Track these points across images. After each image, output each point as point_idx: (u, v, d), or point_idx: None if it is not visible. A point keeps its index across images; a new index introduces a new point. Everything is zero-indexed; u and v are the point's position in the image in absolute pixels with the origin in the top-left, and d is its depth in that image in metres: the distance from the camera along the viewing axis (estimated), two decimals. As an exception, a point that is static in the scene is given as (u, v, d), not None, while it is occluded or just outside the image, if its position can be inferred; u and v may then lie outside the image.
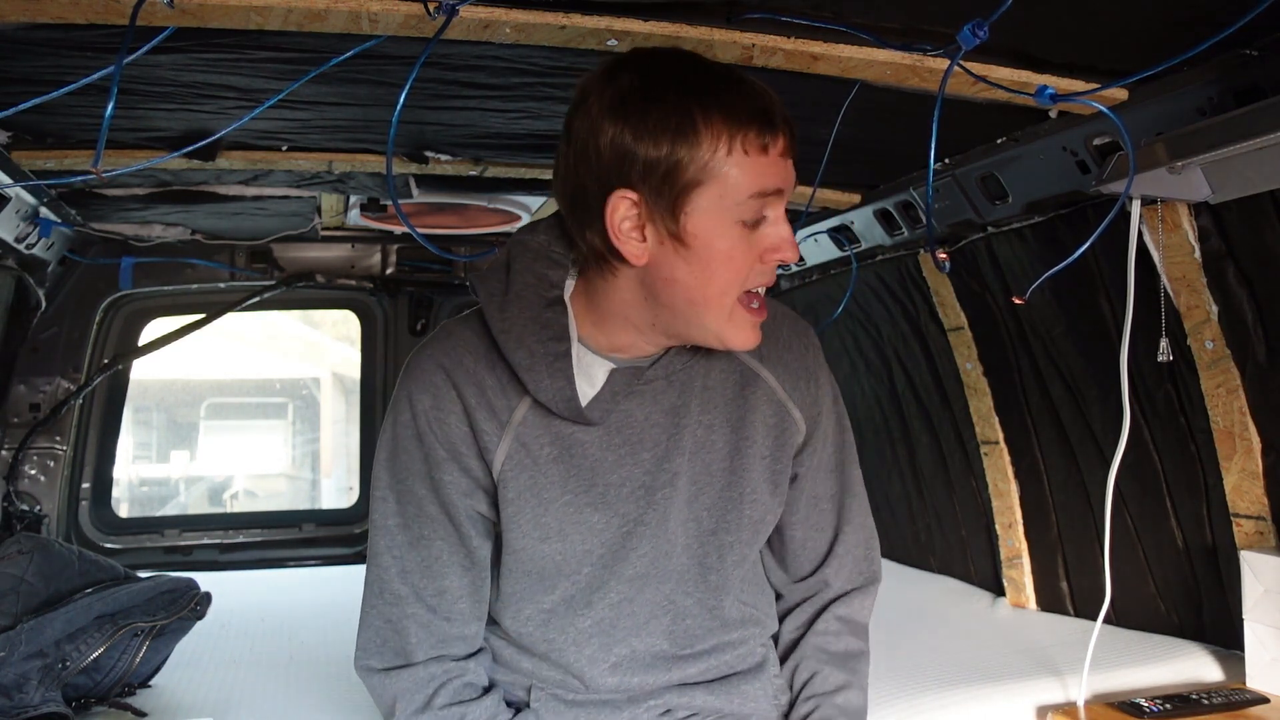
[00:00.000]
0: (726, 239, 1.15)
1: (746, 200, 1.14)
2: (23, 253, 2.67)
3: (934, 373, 2.78)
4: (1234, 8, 1.33)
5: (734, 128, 1.12)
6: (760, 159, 1.13)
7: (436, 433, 1.25)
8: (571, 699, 1.35)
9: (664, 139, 1.11)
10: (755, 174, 1.13)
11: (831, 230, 2.75)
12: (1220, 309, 1.85)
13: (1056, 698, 1.85)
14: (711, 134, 1.11)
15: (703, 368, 1.31)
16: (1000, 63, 1.60)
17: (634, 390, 1.26)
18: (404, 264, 3.60)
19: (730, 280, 1.16)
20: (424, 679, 1.28)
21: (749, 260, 1.17)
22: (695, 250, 1.15)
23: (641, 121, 1.12)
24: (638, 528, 1.28)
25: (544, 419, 1.25)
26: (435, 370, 1.25)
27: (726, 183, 1.13)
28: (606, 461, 1.26)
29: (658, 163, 1.12)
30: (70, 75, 1.45)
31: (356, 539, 3.75)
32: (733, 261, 1.16)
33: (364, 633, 1.32)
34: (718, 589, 1.34)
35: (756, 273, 1.18)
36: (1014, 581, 2.56)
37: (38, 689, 1.74)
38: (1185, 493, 2.06)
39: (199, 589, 2.04)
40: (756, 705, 1.39)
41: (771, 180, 1.15)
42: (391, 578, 1.29)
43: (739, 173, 1.12)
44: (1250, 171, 1.60)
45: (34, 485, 3.24)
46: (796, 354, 1.37)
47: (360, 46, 1.44)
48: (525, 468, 1.25)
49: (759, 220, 1.16)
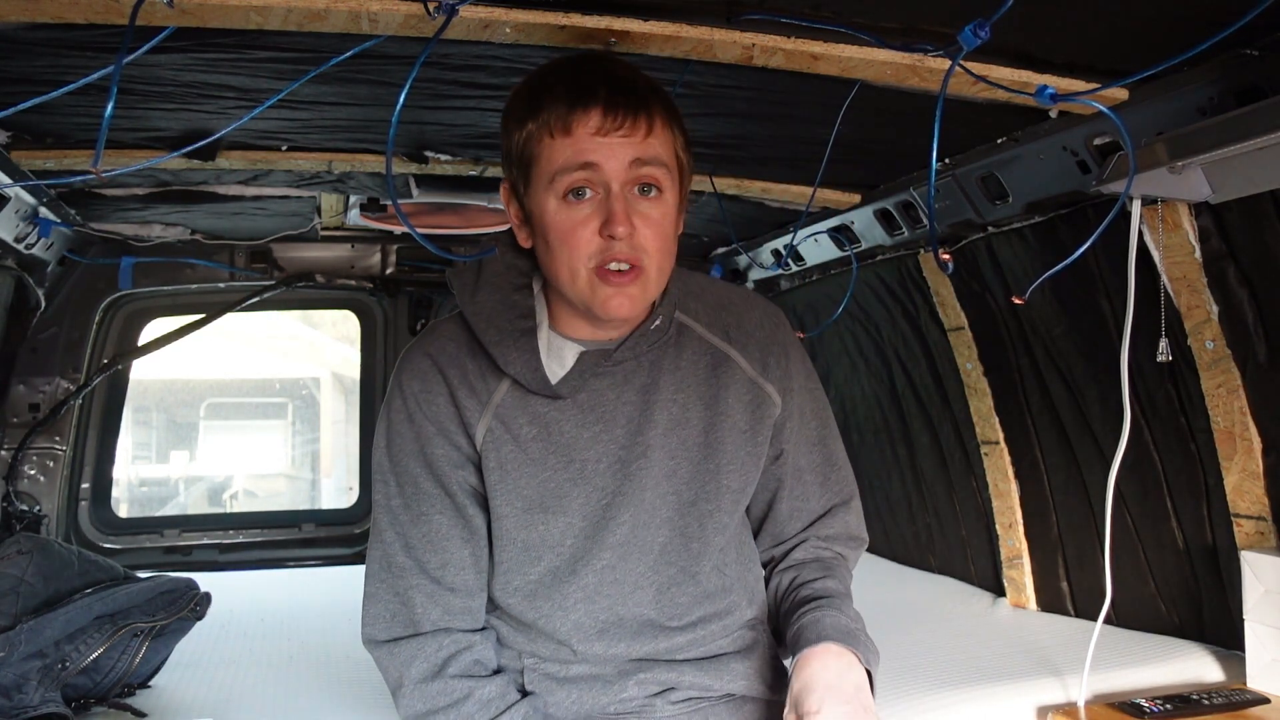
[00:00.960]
0: (556, 215, 1.24)
1: (558, 176, 1.22)
2: (22, 253, 2.67)
3: (934, 373, 2.78)
4: (1234, 8, 1.33)
5: (547, 108, 1.22)
6: (564, 138, 1.21)
7: (426, 411, 1.33)
8: (563, 676, 1.38)
9: (512, 125, 1.26)
10: (560, 150, 1.21)
11: (831, 230, 2.75)
12: (1220, 309, 1.85)
13: (1057, 698, 1.85)
14: (535, 117, 1.23)
15: (672, 351, 1.38)
16: (1000, 63, 1.60)
17: (603, 371, 1.33)
18: (404, 264, 3.60)
19: (571, 254, 1.24)
20: (433, 648, 1.32)
21: (584, 234, 1.23)
22: (539, 229, 1.27)
23: (509, 113, 1.28)
24: (616, 499, 1.34)
25: (522, 399, 1.33)
26: (422, 358, 1.36)
27: (541, 161, 1.23)
28: (582, 438, 1.33)
29: (510, 148, 1.27)
30: (70, 75, 1.45)
31: (356, 539, 3.74)
32: (566, 235, 1.23)
33: (370, 607, 1.36)
34: (699, 556, 1.38)
35: (600, 248, 1.23)
36: (1014, 581, 2.56)
37: (37, 689, 1.74)
38: (1186, 493, 2.06)
39: (199, 589, 2.04)
40: (749, 684, 1.41)
41: (577, 155, 1.21)
42: (396, 552, 1.34)
43: (548, 150, 1.22)
44: (1250, 171, 1.60)
45: (33, 485, 3.24)
46: (767, 333, 1.43)
47: (360, 46, 1.44)
48: (505, 442, 1.32)
49: (579, 194, 1.22)
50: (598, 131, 1.21)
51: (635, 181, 1.23)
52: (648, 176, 1.23)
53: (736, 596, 1.43)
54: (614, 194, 1.22)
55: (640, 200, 1.24)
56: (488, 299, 1.33)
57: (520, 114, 1.25)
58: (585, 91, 1.21)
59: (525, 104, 1.25)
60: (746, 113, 1.98)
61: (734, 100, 1.88)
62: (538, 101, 1.23)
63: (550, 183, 1.23)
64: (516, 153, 1.26)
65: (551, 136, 1.21)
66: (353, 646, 2.31)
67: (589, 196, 1.23)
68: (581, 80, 1.23)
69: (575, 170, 1.21)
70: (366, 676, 2.07)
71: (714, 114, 1.95)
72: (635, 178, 1.23)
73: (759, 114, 2.00)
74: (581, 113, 1.20)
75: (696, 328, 1.40)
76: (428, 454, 1.33)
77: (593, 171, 1.21)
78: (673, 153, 1.27)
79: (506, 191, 1.31)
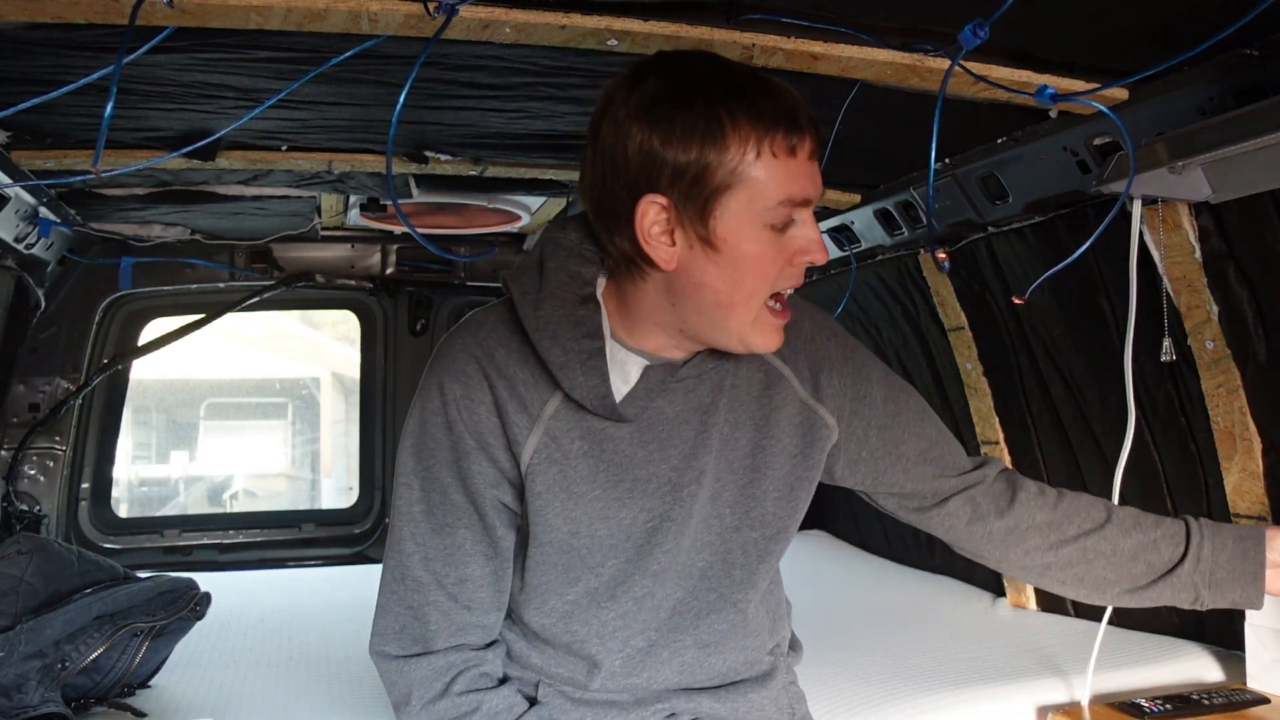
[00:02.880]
0: (756, 242, 1.14)
1: (775, 206, 1.14)
2: (22, 253, 2.67)
3: (934, 373, 2.78)
4: (1234, 8, 1.33)
5: (761, 130, 1.11)
6: (789, 161, 1.13)
7: (466, 422, 1.24)
8: (579, 697, 1.35)
9: (692, 143, 1.11)
10: (783, 177, 1.13)
11: (831, 230, 2.75)
12: (1221, 309, 1.84)
13: (1057, 698, 1.85)
14: (739, 137, 1.11)
15: (730, 367, 1.31)
16: (1000, 62, 1.60)
17: (667, 388, 1.26)
18: (404, 264, 3.60)
19: (759, 283, 1.16)
20: (442, 667, 1.27)
21: (778, 263, 1.17)
22: (725, 254, 1.14)
23: (669, 126, 1.11)
24: (663, 523, 1.28)
25: (575, 414, 1.25)
26: (467, 360, 1.25)
27: (755, 186, 1.12)
28: (636, 457, 1.26)
29: (686, 167, 1.11)
30: (70, 75, 1.45)
31: (356, 539, 3.75)
32: (762, 264, 1.15)
33: (382, 618, 1.31)
34: (742, 584, 1.34)
35: (785, 275, 1.18)
36: (1014, 581, 2.56)
37: (37, 689, 1.74)
38: (1186, 493, 2.06)
39: (199, 589, 2.04)
40: (764, 714, 1.38)
41: (800, 183, 1.14)
42: (414, 564, 1.28)
43: (767, 176, 1.12)
44: (1250, 171, 1.60)
45: (33, 485, 3.24)
46: (819, 347, 1.37)
47: (360, 46, 1.44)
48: (555, 461, 1.24)
49: (788, 224, 1.16)
50: (810, 157, 1.15)
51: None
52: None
53: (762, 623, 1.40)
54: (812, 221, 1.17)
55: None
56: (552, 313, 1.21)
57: (709, 130, 1.11)
58: (792, 115, 1.13)
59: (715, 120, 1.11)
60: (746, 113, 1.98)
61: (734, 100, 1.87)
62: (732, 117, 1.10)
63: (767, 209, 1.13)
64: (699, 172, 1.11)
65: (775, 157, 1.12)
66: (352, 646, 2.32)
67: (797, 223, 1.17)
68: (783, 101, 1.14)
69: (797, 205, 1.15)
70: (366, 677, 2.06)
71: (714, 114, 1.95)
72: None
73: (759, 114, 1.99)
74: (799, 137, 1.13)
75: None
76: (463, 468, 1.25)
77: (807, 208, 1.16)
78: None
79: (658, 210, 1.14)
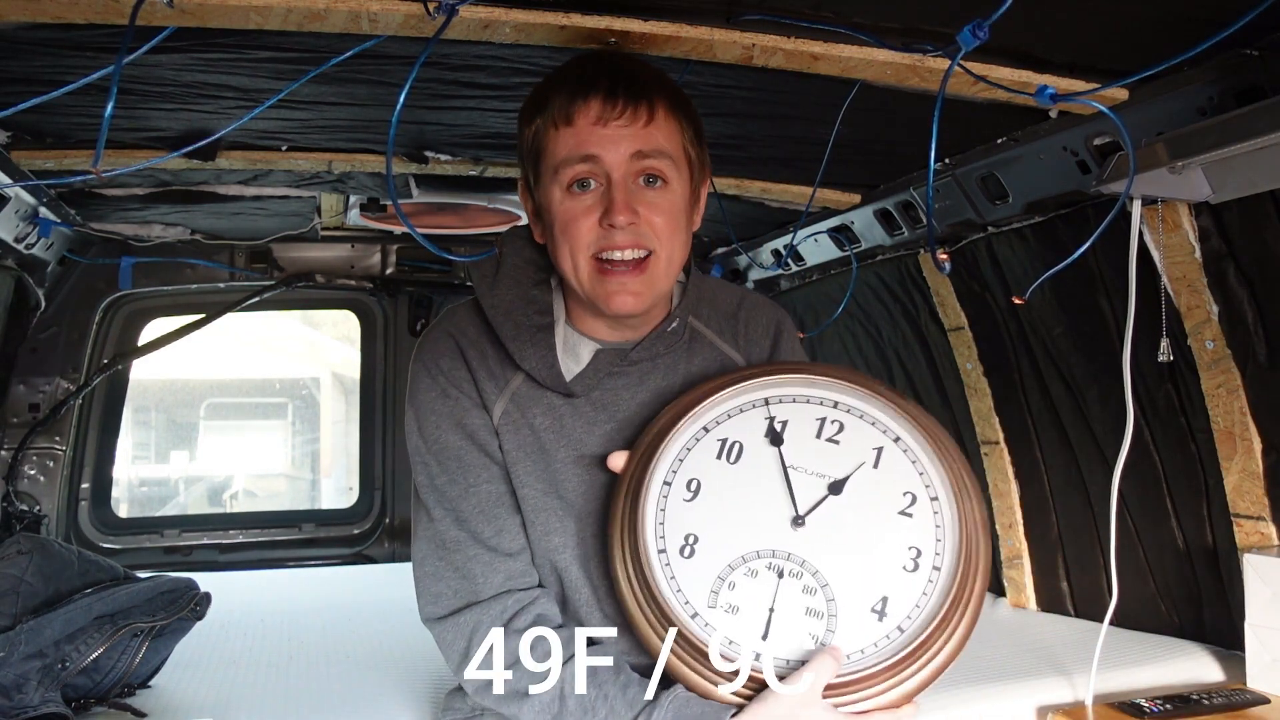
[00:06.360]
0: (560, 206, 1.25)
1: (561, 167, 1.24)
2: (22, 253, 2.67)
3: (934, 373, 2.78)
4: (1234, 8, 1.33)
5: (550, 100, 1.25)
6: (565, 129, 1.23)
7: (456, 383, 1.34)
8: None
9: (524, 121, 1.29)
10: (563, 141, 1.23)
11: (831, 230, 2.75)
12: (1221, 309, 1.84)
13: (1057, 698, 1.85)
14: (542, 111, 1.26)
15: (684, 354, 1.39)
16: (1000, 63, 1.60)
17: (619, 370, 1.34)
18: (404, 264, 3.60)
19: (574, 246, 1.25)
20: (497, 610, 1.29)
21: (588, 225, 1.24)
22: (547, 221, 1.29)
23: (522, 110, 1.31)
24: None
25: (536, 392, 1.34)
26: (443, 337, 1.37)
27: (547, 153, 1.26)
28: (593, 435, 1.34)
29: (522, 144, 1.30)
30: (70, 75, 1.45)
31: (356, 539, 3.74)
32: (569, 228, 1.25)
33: (428, 585, 1.33)
34: None
35: (599, 237, 1.25)
36: (1014, 581, 2.56)
37: (37, 689, 1.73)
38: (1186, 493, 2.06)
39: (199, 589, 2.04)
40: None
41: (578, 146, 1.23)
42: (447, 528, 1.32)
43: (552, 142, 1.25)
44: (1250, 171, 1.60)
45: (33, 485, 3.24)
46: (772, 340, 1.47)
47: (360, 46, 1.44)
48: (520, 426, 1.33)
49: (583, 186, 1.24)
50: (597, 121, 1.22)
51: (638, 173, 1.24)
52: (651, 168, 1.24)
53: None
54: (615, 183, 1.23)
55: (645, 191, 1.25)
56: (506, 293, 1.34)
57: (530, 109, 1.28)
58: (586, 82, 1.24)
59: (534, 99, 1.28)
60: (746, 113, 1.98)
61: (734, 100, 1.88)
62: (545, 96, 1.26)
63: (555, 174, 1.25)
64: (527, 147, 1.29)
65: (555, 128, 1.24)
66: (353, 646, 2.32)
67: (593, 188, 1.24)
68: (585, 73, 1.25)
69: (578, 162, 1.23)
70: (366, 676, 2.07)
71: (714, 114, 1.95)
72: (638, 169, 1.24)
73: (759, 114, 2.00)
74: (582, 102, 1.23)
75: (708, 334, 1.42)
76: (466, 425, 1.33)
77: (594, 164, 1.23)
78: (679, 144, 1.27)
79: (522, 188, 1.34)
